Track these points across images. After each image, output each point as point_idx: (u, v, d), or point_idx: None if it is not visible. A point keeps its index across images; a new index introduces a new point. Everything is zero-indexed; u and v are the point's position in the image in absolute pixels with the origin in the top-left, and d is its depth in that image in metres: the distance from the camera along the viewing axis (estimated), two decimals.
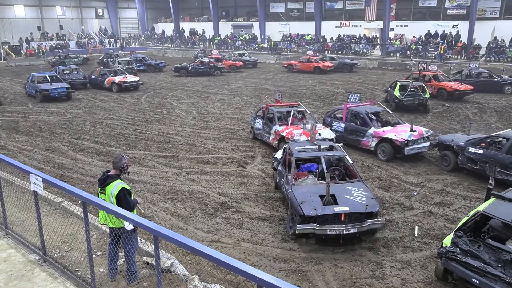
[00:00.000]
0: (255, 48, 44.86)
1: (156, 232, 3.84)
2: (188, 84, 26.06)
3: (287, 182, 8.38)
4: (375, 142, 12.17)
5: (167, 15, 57.10)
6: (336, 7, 44.49)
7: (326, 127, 12.64)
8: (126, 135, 14.64)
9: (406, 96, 17.40)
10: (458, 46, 34.47)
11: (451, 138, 11.32)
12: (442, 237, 7.25)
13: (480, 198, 9.04)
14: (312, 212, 7.19)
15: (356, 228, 7.18)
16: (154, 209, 8.87)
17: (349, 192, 7.77)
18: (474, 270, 5.67)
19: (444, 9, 38.05)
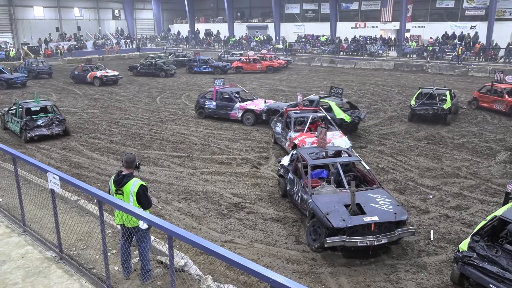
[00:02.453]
0: (270, 49, 44.81)
1: (170, 231, 3.86)
2: (202, 84, 26.18)
3: (304, 192, 8.02)
4: (241, 113, 16.21)
5: (182, 16, 57.51)
6: (352, 8, 44.18)
7: (343, 135, 11.97)
8: (141, 135, 14.77)
9: (419, 105, 15.98)
10: (476, 47, 33.91)
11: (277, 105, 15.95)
12: (459, 241, 7.14)
13: (498, 202, 8.88)
14: (342, 224, 6.85)
15: (386, 238, 6.92)
16: (168, 209, 8.93)
17: (374, 200, 7.49)
18: (492, 275, 5.57)
19: (462, 10, 37.49)
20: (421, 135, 14.49)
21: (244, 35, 50.18)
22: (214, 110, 16.80)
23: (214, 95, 16.85)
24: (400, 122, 16.31)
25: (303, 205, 8.08)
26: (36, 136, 13.73)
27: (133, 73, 30.82)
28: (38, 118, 14.23)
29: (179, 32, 56.78)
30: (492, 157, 12.18)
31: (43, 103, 15.02)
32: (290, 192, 8.96)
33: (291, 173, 9.03)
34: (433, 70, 31.23)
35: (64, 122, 14.57)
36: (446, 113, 15.69)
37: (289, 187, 8.98)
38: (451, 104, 15.90)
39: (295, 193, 8.55)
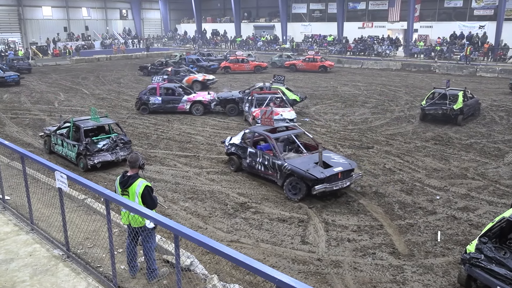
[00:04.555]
0: (277, 49, 44.79)
1: (176, 230, 3.87)
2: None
3: (276, 159, 9.78)
4: (189, 105, 17.63)
5: (189, 16, 57.65)
6: (359, 7, 43.98)
7: (291, 110, 15.37)
8: (148, 134, 14.83)
9: (430, 105, 16.01)
10: (485, 47, 33.61)
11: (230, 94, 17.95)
12: (466, 242, 7.09)
13: (506, 203, 8.80)
14: (322, 175, 8.92)
15: (349, 181, 9.41)
16: (174, 208, 8.96)
17: (330, 157, 9.81)
18: (499, 277, 5.52)
19: (471, 10, 37.17)
20: (429, 136, 14.40)
21: (251, 35, 50.17)
22: (159, 105, 17.71)
23: (158, 91, 17.75)
24: (408, 123, 16.22)
25: (273, 171, 9.89)
26: (99, 163, 11.05)
27: (143, 73, 30.38)
28: (98, 141, 11.41)
29: (186, 32, 56.92)
30: (501, 158, 12.07)
31: (103, 121, 11.95)
32: (251, 164, 10.56)
33: (251, 147, 10.63)
34: (440, 70, 31.03)
35: (130, 145, 11.92)
36: (456, 114, 15.51)
37: (250, 159, 10.58)
38: (463, 104, 15.59)
39: (258, 163, 10.33)
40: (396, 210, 8.88)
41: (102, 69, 34.40)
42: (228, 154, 11.48)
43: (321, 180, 8.91)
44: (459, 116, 15.60)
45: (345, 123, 16.29)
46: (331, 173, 9.06)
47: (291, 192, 9.37)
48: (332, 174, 9.07)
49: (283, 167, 9.56)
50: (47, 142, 12.64)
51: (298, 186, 9.27)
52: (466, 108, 15.94)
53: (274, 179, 10.02)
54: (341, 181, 9.22)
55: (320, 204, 9.11)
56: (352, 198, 9.45)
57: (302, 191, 9.19)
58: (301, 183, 9.18)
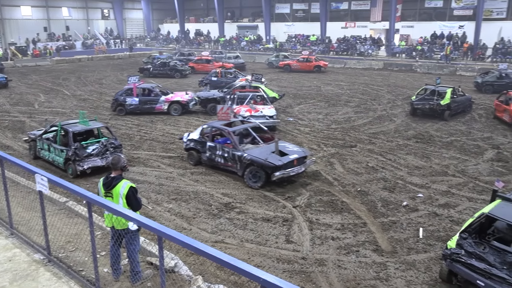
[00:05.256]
0: (260, 49, 44.84)
1: (160, 232, 3.85)
2: (193, 84, 26.08)
3: (236, 150, 10.47)
4: (167, 105, 17.60)
5: (172, 16, 57.28)
6: (342, 7, 44.34)
7: (272, 107, 15.67)
8: (131, 135, 14.69)
9: (418, 100, 16.88)
10: (464, 47, 34.26)
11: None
12: (447, 238, 7.21)
13: (485, 199, 8.98)
14: (280, 162, 9.73)
15: (303, 167, 10.29)
16: (158, 210, 8.89)
17: (285, 146, 10.64)
18: (479, 272, 5.63)
19: (450, 10, 37.84)
20: (410, 134, 14.62)
21: (235, 35, 50.12)
22: (137, 105, 17.62)
23: (135, 91, 17.65)
24: (390, 121, 16.43)
25: (233, 163, 10.53)
26: (89, 168, 10.60)
27: (144, 75, 29.41)
28: (88, 145, 10.98)
29: (169, 32, 56.53)
30: (480, 155, 12.32)
31: (92, 125, 11.55)
32: (211, 157, 11.12)
33: (210, 141, 11.24)
34: (422, 70, 31.49)
35: (121, 149, 11.53)
36: (443, 109, 16.20)
37: (209, 153, 11.14)
38: (450, 101, 16.27)
39: (218, 156, 10.93)
40: (379, 207, 8.99)
41: (84, 70, 33.91)
42: (187, 149, 11.87)
43: (279, 167, 9.70)
44: (446, 112, 16.21)
45: (328, 122, 16.41)
46: (288, 160, 9.90)
47: (252, 180, 10.07)
48: (289, 161, 9.91)
49: (242, 157, 10.22)
50: (32, 147, 12.08)
51: (258, 174, 10.00)
52: (454, 104, 16.57)
53: (234, 170, 10.62)
54: (297, 167, 10.08)
55: (304, 203, 9.17)
56: (336, 197, 9.53)
57: (261, 179, 9.93)
58: (261, 171, 9.93)
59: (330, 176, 10.76)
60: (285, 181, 10.16)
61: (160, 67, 29.63)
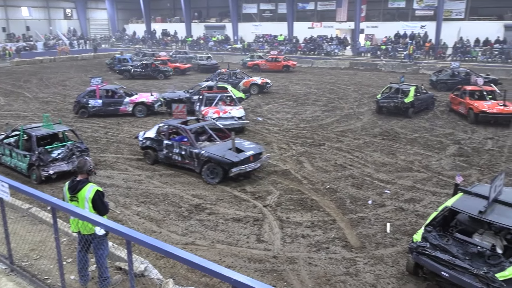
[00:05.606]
0: (228, 49, 44.77)
1: (128, 236, 3.77)
2: (160, 85, 25.74)
3: (193, 148, 10.66)
4: (131, 107, 17.38)
5: (138, 15, 56.31)
6: (308, 8, 44.87)
7: (240, 108, 15.31)
8: (97, 138, 14.34)
9: (383, 98, 17.34)
10: (426, 46, 35.41)
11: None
12: (413, 232, 7.41)
13: (448, 193, 9.29)
14: (237, 159, 10.04)
15: (259, 163, 10.66)
16: (126, 213, 8.73)
17: (241, 143, 10.96)
18: (443, 263, 5.83)
19: (412, 10, 38.97)
20: (376, 132, 14.96)
21: (202, 35, 49.82)
22: (100, 107, 17.29)
23: (98, 93, 17.32)
24: (357, 119, 16.76)
25: (190, 160, 10.73)
26: (54, 174, 10.26)
27: (124, 76, 28.60)
28: (52, 149, 10.61)
29: (135, 33, 55.56)
30: (443, 151, 12.76)
31: (57, 128, 11.18)
32: (168, 155, 11.24)
33: (167, 140, 11.33)
34: (386, 69, 32.29)
35: (88, 152, 11.12)
36: (407, 107, 16.69)
37: (166, 151, 11.26)
38: (414, 98, 16.79)
39: (176, 154, 11.05)
40: (348, 204, 9.15)
41: (46, 71, 32.83)
42: (143, 148, 11.90)
43: (236, 163, 10.02)
44: (410, 109, 16.74)
45: (297, 121, 16.58)
46: (244, 157, 10.25)
47: (209, 177, 10.33)
48: (245, 157, 10.26)
49: (200, 155, 10.48)
50: None
51: (215, 170, 10.27)
52: (417, 102, 17.15)
53: (191, 167, 10.84)
54: (253, 163, 10.45)
55: (275, 202, 9.22)
56: (306, 195, 9.64)
57: (219, 175, 10.22)
58: (218, 168, 10.21)
59: (299, 175, 10.87)
60: (241, 176, 10.46)
61: (142, 69, 28.83)
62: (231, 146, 10.59)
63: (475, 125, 15.60)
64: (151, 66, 28.85)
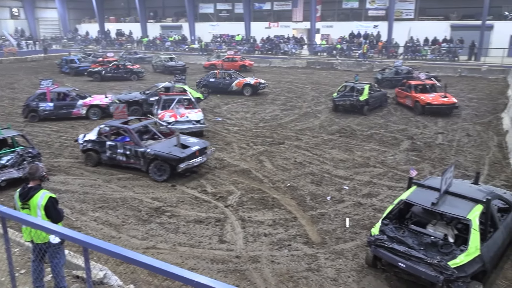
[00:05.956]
0: (185, 49, 44.29)
1: (85, 243, 3.64)
2: (116, 87, 25.08)
3: (138, 147, 10.70)
4: (85, 109, 16.91)
5: (91, 15, 54.55)
6: (265, 8, 45.19)
7: (199, 111, 14.74)
8: (49, 142, 13.78)
9: (339, 97, 17.68)
10: (379, 45, 36.61)
11: None
12: (371, 226, 7.63)
13: (403, 187, 9.64)
14: (183, 155, 10.28)
15: (205, 157, 10.99)
16: (83, 219, 8.44)
17: (186, 140, 11.19)
18: (400, 254, 6.05)
19: (365, 11, 40.17)
20: (334, 129, 15.30)
21: (158, 35, 49.00)
22: (51, 111, 16.69)
23: (48, 96, 16.70)
24: (315, 118, 17.06)
25: (135, 159, 10.75)
26: (4, 181, 9.76)
27: (93, 79, 27.40)
28: (1, 156, 10.16)
29: (88, 33, 53.82)
30: (397, 146, 13.23)
31: (5, 133, 10.61)
32: (111, 156, 11.18)
33: (109, 141, 11.32)
34: (342, 67, 33.05)
35: (40, 157, 10.66)
36: (362, 105, 17.17)
37: (110, 152, 11.18)
38: (368, 96, 17.31)
39: (120, 154, 11.03)
40: (308, 201, 9.30)
41: None
42: (84, 151, 11.71)
43: (183, 159, 10.23)
44: (365, 107, 17.25)
45: (256, 120, 16.66)
46: (191, 152, 10.51)
47: (157, 174, 10.46)
48: (191, 153, 10.52)
49: (146, 153, 10.55)
50: None
51: (163, 168, 10.41)
52: (372, 100, 17.70)
53: (137, 167, 10.86)
54: (199, 158, 10.75)
55: (236, 202, 9.22)
56: (267, 194, 9.70)
57: (167, 172, 10.37)
58: (165, 165, 10.36)
59: (260, 174, 10.93)
60: (188, 172, 10.71)
61: (114, 70, 27.79)
62: (176, 143, 10.75)
63: (422, 117, 16.41)
64: (124, 68, 28.11)
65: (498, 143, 13.39)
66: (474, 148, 12.94)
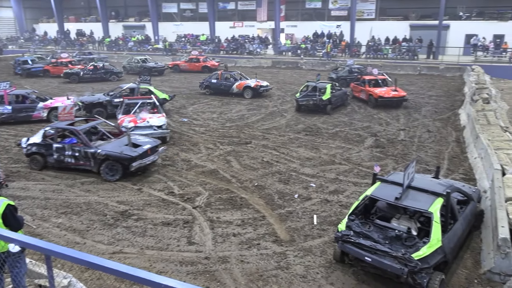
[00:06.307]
0: (149, 49, 43.56)
1: (47, 250, 3.52)
2: (77, 88, 24.36)
3: (88, 148, 10.60)
4: (46, 112, 16.41)
5: (49, 15, 52.64)
6: (229, 7, 45.10)
7: (162, 116, 14.01)
8: (7, 147, 13.23)
9: (302, 97, 17.73)
10: (342, 44, 37.30)
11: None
12: (338, 222, 7.77)
13: (368, 183, 9.88)
14: (135, 153, 10.36)
15: (157, 155, 11.11)
16: (45, 226, 8.16)
17: (137, 139, 11.29)
18: (366, 249, 6.19)
19: (328, 11, 40.80)
20: (300, 128, 15.47)
21: (121, 35, 47.94)
22: (9, 114, 16.19)
23: (6, 99, 16.21)
24: (281, 117, 17.19)
25: (85, 161, 10.66)
26: None
27: (70, 80, 26.47)
28: None
29: (46, 33, 51.93)
30: (361, 143, 13.53)
31: None
32: (59, 159, 10.98)
33: (56, 143, 11.07)
34: (306, 67, 33.46)
35: None
36: (325, 104, 17.34)
37: (57, 155, 10.98)
38: (331, 95, 17.48)
39: (68, 156, 10.86)
40: (276, 200, 9.37)
41: None
42: (28, 155, 11.42)
43: (135, 158, 10.30)
44: (328, 106, 17.45)
45: (223, 121, 16.61)
46: (142, 151, 10.62)
47: (109, 175, 10.46)
48: (143, 151, 10.62)
49: (96, 153, 10.51)
50: None
51: (114, 167, 10.44)
52: (334, 98, 17.90)
53: (88, 168, 10.77)
54: (152, 156, 10.87)
55: (204, 203, 9.17)
56: (235, 194, 9.70)
57: (119, 171, 10.43)
58: (117, 164, 10.41)
59: (227, 174, 10.90)
60: (140, 171, 10.74)
61: (92, 71, 27.05)
62: (127, 142, 10.80)
63: (385, 114, 16.87)
64: (103, 68, 27.40)
65: (456, 138, 13.95)
66: (434, 144, 13.42)
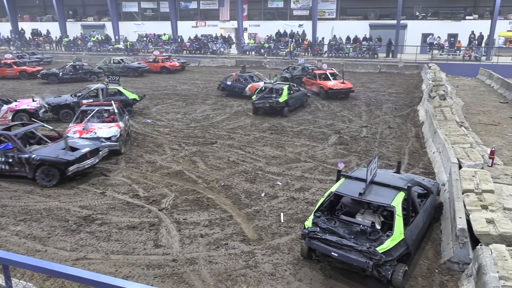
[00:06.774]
0: (110, 50, 42.53)
1: (4, 260, 3.37)
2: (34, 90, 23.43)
3: (22, 154, 10.13)
4: (11, 115, 15.53)
5: (1, 13, 50.36)
6: (191, 7, 44.74)
7: (115, 127, 12.52)
8: None
9: (259, 99, 17.16)
10: (305, 44, 37.82)
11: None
12: (304, 219, 7.87)
13: (332, 179, 10.06)
14: (72, 157, 10.03)
15: (97, 158, 10.79)
16: (3, 235, 7.79)
17: (76, 142, 10.98)
18: (333, 244, 6.30)
19: (290, 10, 41.26)
20: (265, 127, 15.55)
21: (79, 35, 46.53)
22: None
23: None
24: (246, 116, 17.21)
25: (20, 167, 10.17)
26: None
27: (48, 81, 25.47)
28: None
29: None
30: (325, 141, 13.76)
31: None
32: None
33: None
34: (270, 66, 33.68)
35: None
36: (282, 106, 16.90)
37: None
38: (288, 97, 17.12)
39: (1, 163, 10.29)
40: (243, 199, 9.37)
41: None
42: None
43: (72, 162, 9.98)
44: (285, 108, 16.99)
45: (187, 121, 16.45)
46: (80, 154, 10.28)
47: (45, 180, 10.08)
48: (81, 155, 10.28)
49: (31, 159, 10.07)
50: None
51: (51, 173, 10.07)
52: (292, 100, 17.53)
53: (23, 174, 10.31)
54: (91, 160, 10.55)
55: (170, 205, 9.04)
56: (201, 194, 9.63)
57: (55, 177, 10.07)
58: (54, 169, 10.05)
59: (193, 175, 10.81)
60: (78, 175, 10.45)
61: (72, 71, 26.19)
62: (64, 146, 10.45)
63: (347, 112, 17.21)
64: (83, 68, 26.64)
65: (416, 134, 14.45)
66: (395, 140, 13.84)
